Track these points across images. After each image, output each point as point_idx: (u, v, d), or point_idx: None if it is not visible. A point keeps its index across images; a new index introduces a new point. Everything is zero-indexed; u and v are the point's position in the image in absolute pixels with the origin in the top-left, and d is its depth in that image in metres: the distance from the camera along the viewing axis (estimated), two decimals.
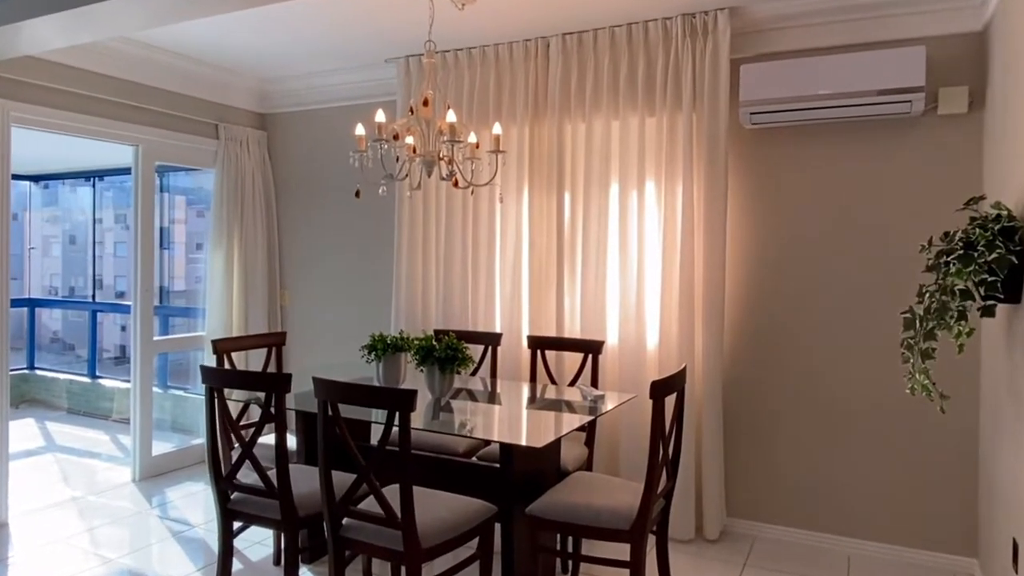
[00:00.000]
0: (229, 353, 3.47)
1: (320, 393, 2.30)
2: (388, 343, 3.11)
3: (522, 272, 3.94)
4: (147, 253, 4.35)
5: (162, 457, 4.44)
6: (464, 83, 4.10)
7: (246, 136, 4.83)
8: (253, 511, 2.59)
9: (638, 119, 3.64)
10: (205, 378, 2.59)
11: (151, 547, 3.32)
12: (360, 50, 4.20)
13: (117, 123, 4.11)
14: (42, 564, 3.11)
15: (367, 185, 3.32)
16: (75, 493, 4.06)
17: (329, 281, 4.82)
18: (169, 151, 4.47)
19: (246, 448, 2.52)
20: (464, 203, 4.12)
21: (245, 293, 4.77)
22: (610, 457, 3.72)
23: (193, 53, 4.29)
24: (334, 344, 4.77)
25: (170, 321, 6.00)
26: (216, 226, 4.68)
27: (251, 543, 3.30)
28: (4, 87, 3.55)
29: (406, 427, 2.15)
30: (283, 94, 4.92)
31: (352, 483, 2.29)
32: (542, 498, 2.55)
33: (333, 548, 2.33)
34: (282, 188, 5.02)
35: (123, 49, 4.02)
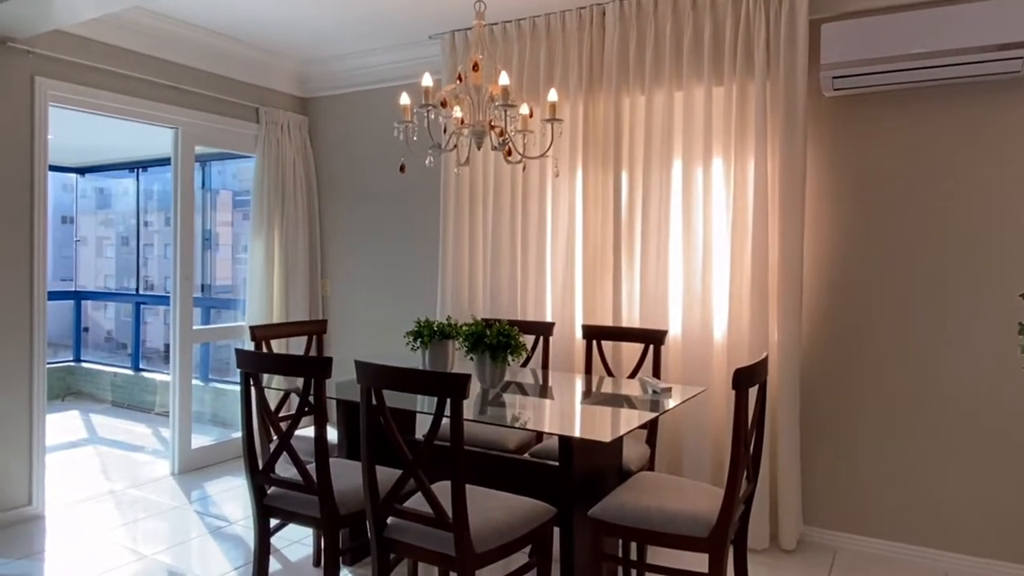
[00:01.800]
0: (268, 341, 3.30)
1: (363, 378, 2.08)
2: (435, 329, 2.90)
3: (575, 257, 3.67)
4: (186, 240, 4.23)
5: (201, 451, 4.31)
6: (514, 57, 3.86)
7: (287, 120, 4.68)
8: (291, 508, 2.38)
9: (704, 89, 3.34)
10: (240, 362, 2.40)
11: (188, 543, 3.17)
12: (402, 27, 4.01)
13: (156, 104, 3.99)
14: (76, 558, 2.98)
15: (412, 159, 3.11)
16: (114, 486, 3.95)
17: (372, 269, 4.64)
18: (209, 134, 4.34)
19: (283, 439, 2.32)
20: (513, 183, 3.88)
21: (286, 282, 4.63)
22: (673, 456, 3.42)
23: (234, 32, 4.16)
24: (377, 334, 4.58)
25: (212, 314, 5.91)
26: (256, 213, 4.54)
27: (290, 542, 3.11)
28: (41, 65, 3.45)
29: (458, 417, 1.91)
30: (324, 76, 4.75)
31: (398, 479, 2.06)
32: (606, 500, 2.28)
33: (377, 550, 2.11)
34: (323, 174, 4.86)
35: (162, 27, 3.90)
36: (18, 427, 3.35)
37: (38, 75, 3.44)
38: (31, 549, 3.06)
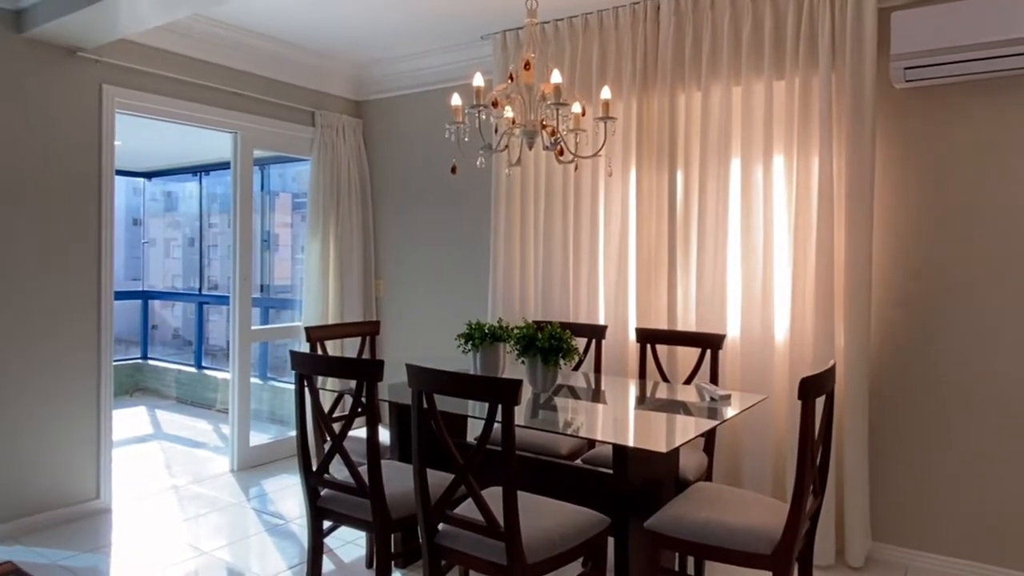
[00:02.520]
0: (323, 341, 3.34)
1: (414, 382, 2.07)
2: (486, 332, 2.87)
3: (629, 258, 3.59)
4: (245, 242, 4.33)
5: (259, 448, 4.41)
6: (565, 54, 3.80)
7: (342, 124, 4.74)
8: (343, 510, 2.39)
9: (764, 83, 3.21)
10: (294, 364, 2.42)
11: (246, 540, 3.23)
12: (454, 28, 4.01)
13: (216, 109, 4.09)
14: (140, 553, 3.07)
15: (464, 160, 3.09)
16: (177, 481, 4.07)
17: (424, 270, 4.65)
18: (267, 138, 4.43)
19: (336, 441, 2.33)
20: (565, 183, 3.82)
21: (341, 283, 4.69)
22: (731, 466, 3.30)
23: (290, 38, 4.23)
24: (428, 335, 4.59)
25: (270, 314, 6.06)
26: (312, 215, 4.61)
27: (344, 542, 3.14)
28: (108, 73, 3.57)
29: (509, 423, 1.88)
30: (377, 79, 4.80)
31: (449, 485, 2.04)
32: (663, 511, 2.20)
33: (428, 557, 2.09)
34: (377, 176, 4.90)
35: (222, 34, 3.99)
36: (86, 423, 3.48)
37: (105, 83, 3.57)
38: (97, 543, 3.17)
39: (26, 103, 3.27)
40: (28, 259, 3.27)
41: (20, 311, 3.24)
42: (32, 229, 3.29)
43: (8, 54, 3.20)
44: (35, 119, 3.30)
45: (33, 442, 3.28)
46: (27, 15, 3.20)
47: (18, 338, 3.23)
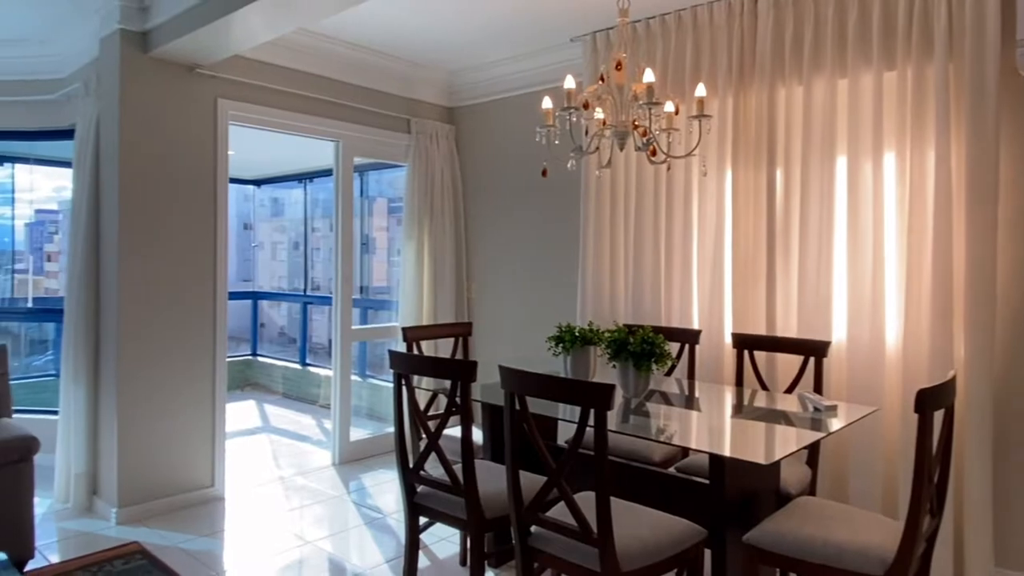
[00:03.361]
0: (419, 342, 3.44)
1: (507, 384, 2.09)
2: (576, 335, 2.86)
3: (724, 261, 3.48)
4: (347, 245, 4.52)
5: (358, 443, 4.59)
6: (657, 53, 3.74)
7: (435, 130, 4.87)
8: (439, 507, 2.46)
9: (872, 75, 3.03)
10: (392, 363, 2.51)
11: (346, 532, 3.37)
12: (544, 31, 4.03)
13: (320, 119, 4.30)
14: (250, 539, 3.27)
15: (554, 162, 3.10)
16: (283, 473, 4.31)
17: (514, 272, 4.70)
18: (366, 146, 4.61)
19: (432, 439, 2.39)
20: (657, 183, 3.76)
21: (434, 284, 4.81)
22: (836, 480, 3.13)
23: (388, 49, 4.39)
24: (518, 336, 4.63)
25: (369, 314, 6.29)
26: (408, 219, 4.75)
27: (439, 539, 3.22)
28: (222, 87, 3.83)
29: (602, 427, 1.87)
30: (469, 86, 4.89)
31: (541, 488, 2.05)
32: (763, 525, 2.12)
33: (521, 558, 2.11)
34: (468, 180, 5.00)
35: (325, 47, 4.19)
36: (203, 415, 3.74)
37: (220, 97, 3.83)
38: (212, 528, 3.40)
39: (153, 117, 3.55)
40: (157, 262, 3.55)
41: (151, 312, 3.53)
42: (160, 233, 3.57)
43: (138, 72, 3.49)
44: (161, 132, 3.58)
45: (158, 433, 3.56)
46: (153, 36, 3.48)
47: (150, 338, 3.52)
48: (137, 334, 3.48)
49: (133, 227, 3.47)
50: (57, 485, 3.61)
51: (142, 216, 3.51)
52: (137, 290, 3.48)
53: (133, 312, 3.47)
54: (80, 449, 3.55)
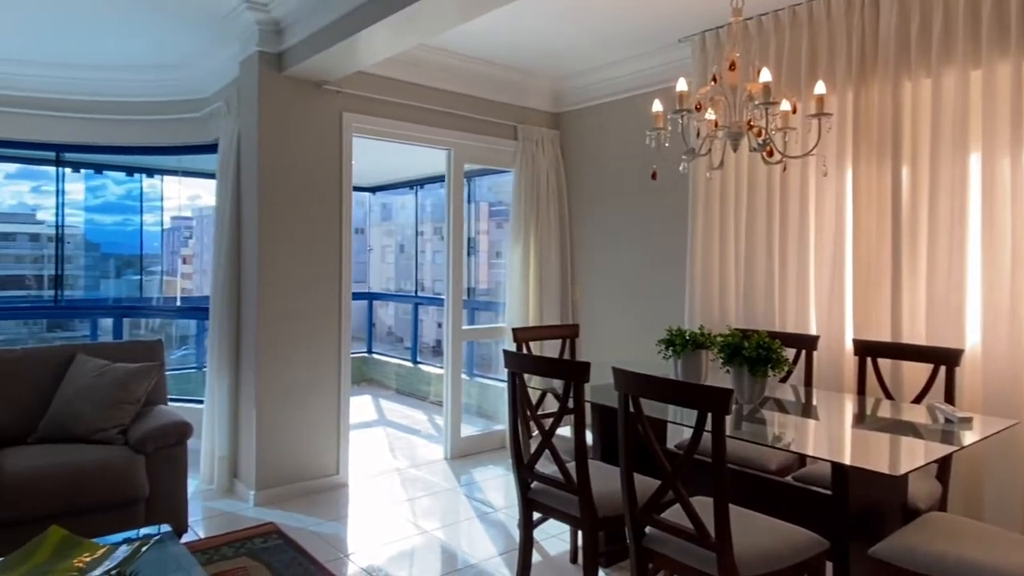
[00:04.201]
0: (527, 342, 3.54)
1: (621, 385, 2.14)
2: (687, 338, 2.86)
3: (844, 263, 3.35)
4: (457, 249, 4.70)
5: (468, 439, 4.77)
6: (770, 51, 3.65)
7: (541, 136, 4.96)
8: (552, 504, 2.54)
9: (1011, 65, 2.83)
10: (507, 362, 2.61)
11: (459, 524, 3.52)
12: (650, 34, 4.04)
13: (433, 129, 4.50)
14: (372, 525, 3.49)
15: (664, 165, 3.11)
16: (399, 464, 4.54)
17: (619, 275, 4.71)
18: (475, 153, 4.78)
19: (546, 437, 2.47)
20: (769, 183, 3.67)
21: (540, 287, 4.91)
22: (970, 496, 2.94)
23: (496, 59, 4.53)
24: (623, 338, 4.64)
25: (474, 315, 6.49)
26: (514, 223, 4.88)
27: (548, 535, 3.30)
28: (347, 101, 4.09)
29: (720, 432, 1.88)
30: (574, 91, 4.95)
31: (656, 490, 2.08)
32: (890, 539, 2.05)
33: (636, 558, 2.15)
34: (573, 184, 5.06)
35: (438, 60, 4.38)
36: (329, 407, 4.02)
37: (345, 111, 4.09)
38: (337, 513, 3.65)
39: (286, 131, 3.85)
40: (290, 265, 3.85)
41: (285, 311, 3.83)
42: (293, 239, 3.87)
43: (273, 89, 3.81)
44: (293, 144, 3.88)
45: (290, 422, 3.86)
46: (286, 56, 3.78)
47: (284, 335, 3.82)
48: (273, 331, 3.79)
49: (270, 233, 3.79)
50: (202, 467, 4.00)
51: (277, 222, 3.81)
52: (273, 291, 3.79)
53: (270, 311, 3.78)
54: (223, 435, 3.92)
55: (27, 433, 3.05)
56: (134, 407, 3.13)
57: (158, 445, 2.95)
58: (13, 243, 8.85)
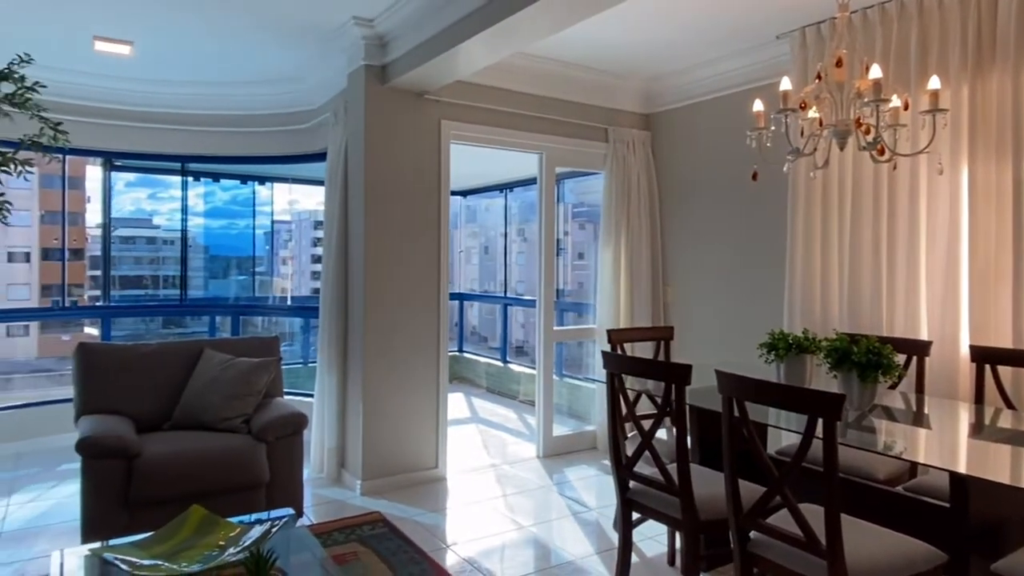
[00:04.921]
0: (621, 344, 3.56)
1: (725, 388, 2.14)
2: (791, 342, 2.81)
3: (960, 265, 3.19)
4: (548, 251, 4.78)
5: (560, 438, 4.83)
6: (876, 45, 3.51)
7: (632, 138, 4.96)
8: (651, 505, 2.56)
9: None
10: (606, 363, 2.65)
11: (554, 522, 3.59)
12: (746, 31, 3.97)
13: (525, 133, 4.59)
14: (470, 519, 3.61)
15: (761, 165, 3.07)
16: (493, 461, 4.67)
17: (712, 277, 4.65)
18: (567, 156, 4.83)
19: (645, 438, 2.50)
20: (877, 183, 3.53)
21: (631, 288, 4.91)
22: None
23: (587, 62, 4.57)
24: (717, 341, 4.57)
25: (563, 316, 6.55)
26: (605, 225, 4.90)
27: (644, 537, 3.31)
28: (444, 110, 4.25)
29: (832, 438, 1.85)
30: (666, 91, 4.92)
31: (763, 495, 2.07)
32: (1016, 555, 1.96)
33: (740, 563, 2.15)
34: (664, 185, 5.03)
35: (530, 65, 4.46)
36: (428, 403, 4.19)
37: (443, 119, 4.25)
38: (437, 505, 3.80)
39: (390, 139, 4.05)
40: (394, 267, 4.04)
41: (389, 310, 4.02)
42: (396, 241, 4.05)
43: (378, 100, 4.00)
44: (396, 152, 4.06)
45: (394, 416, 4.05)
46: (390, 68, 3.97)
47: (388, 333, 4.02)
48: (378, 330, 3.99)
49: (375, 236, 3.99)
50: (312, 457, 4.25)
51: (382, 226, 4.01)
52: (378, 292, 3.99)
53: (375, 311, 3.98)
54: (332, 427, 4.15)
55: (163, 420, 3.36)
56: (255, 399, 3.38)
57: (278, 435, 3.18)
58: (132, 246, 9.65)
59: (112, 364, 3.38)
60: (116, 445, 2.86)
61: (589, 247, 8.68)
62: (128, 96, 4.95)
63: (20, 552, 3.12)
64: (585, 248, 8.47)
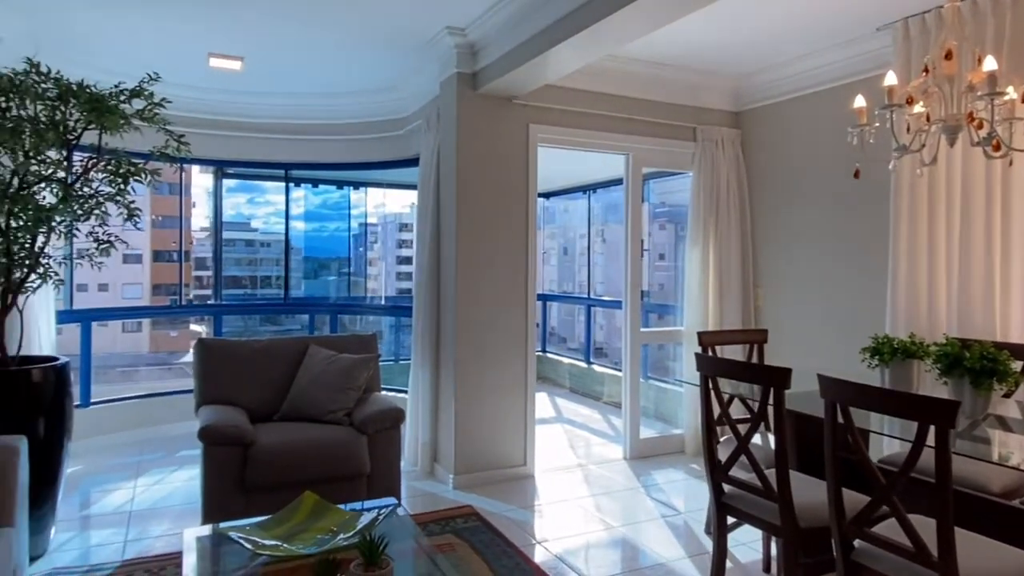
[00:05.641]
0: (712, 346, 3.52)
1: (829, 393, 2.10)
2: (896, 346, 2.71)
3: None
4: (635, 250, 4.77)
5: (647, 441, 4.81)
6: (987, 35, 3.31)
7: (721, 136, 4.88)
8: (748, 510, 2.53)
9: None
10: (700, 365, 2.65)
11: (641, 523, 3.59)
12: (843, 24, 3.84)
13: (611, 135, 4.61)
14: (559, 517, 3.66)
15: (867, 163, 2.97)
16: (579, 461, 4.70)
17: (806, 279, 4.51)
18: (653, 157, 4.81)
19: (742, 442, 2.48)
20: (989, 179, 3.34)
21: (720, 291, 4.83)
22: None
23: (675, 61, 4.53)
24: (811, 345, 4.43)
25: (647, 318, 6.51)
26: (693, 225, 4.84)
27: (737, 543, 3.25)
28: (532, 114, 4.32)
29: (945, 446, 1.79)
30: (756, 88, 4.81)
31: (869, 503, 2.02)
32: None
33: (844, 572, 2.10)
34: (755, 185, 4.92)
35: (616, 67, 4.47)
36: (517, 401, 4.27)
37: (531, 122, 4.32)
38: (526, 502, 3.87)
39: (481, 144, 4.16)
40: (484, 268, 4.16)
41: (479, 310, 4.14)
42: (486, 243, 4.16)
43: (469, 106, 4.12)
44: (486, 157, 4.17)
45: (484, 413, 4.16)
46: (480, 75, 4.08)
47: (479, 331, 4.13)
48: (469, 330, 4.11)
49: (467, 238, 4.11)
50: (407, 450, 4.42)
51: (473, 228, 4.13)
52: (469, 292, 4.11)
53: (466, 310, 4.11)
54: (425, 422, 4.31)
55: (272, 412, 3.58)
56: (356, 393, 3.56)
57: (378, 428, 3.34)
58: (233, 248, 10.27)
59: (227, 358, 3.63)
60: (234, 434, 3.08)
61: (670, 248, 8.55)
62: (238, 108, 5.30)
63: (149, 530, 3.42)
64: (666, 249, 8.36)
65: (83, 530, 3.42)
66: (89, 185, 3.16)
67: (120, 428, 5.02)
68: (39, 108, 3.04)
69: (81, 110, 3.04)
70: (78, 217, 3.12)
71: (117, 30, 4.00)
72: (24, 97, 2.98)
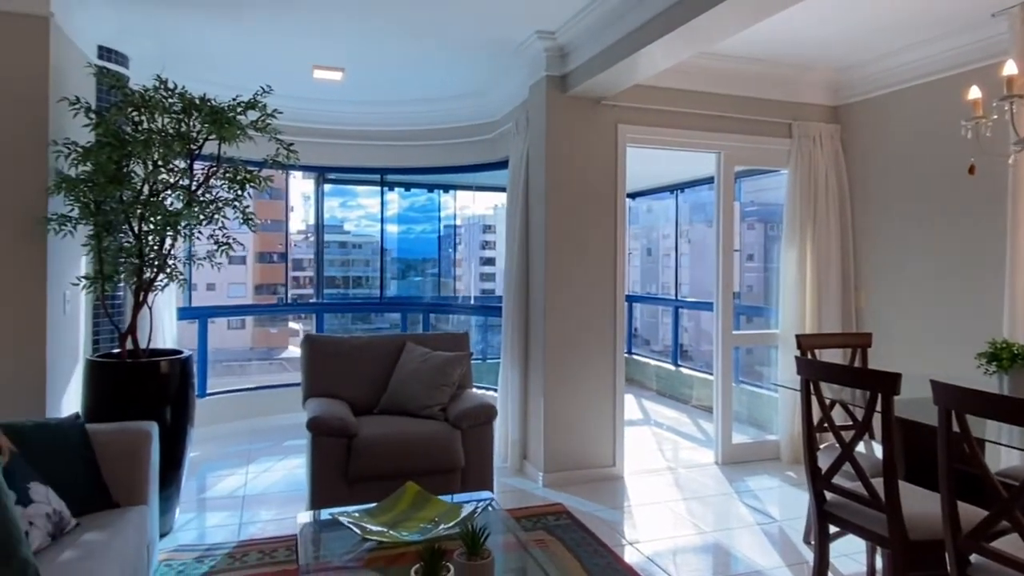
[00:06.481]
0: (812, 350, 3.42)
1: (943, 400, 2.01)
2: (1016, 352, 2.55)
3: None
4: (728, 251, 4.67)
5: (740, 446, 4.70)
6: None
7: (819, 132, 4.71)
8: (852, 519, 2.45)
9: None
10: (801, 369, 2.58)
11: (739, 530, 3.52)
12: (951, 12, 3.63)
13: (702, 133, 4.53)
14: (649, 519, 3.65)
15: (982, 157, 2.81)
16: (668, 464, 4.65)
17: (912, 280, 4.28)
18: (746, 155, 4.70)
19: (846, 449, 2.40)
20: None
21: (817, 292, 4.65)
22: None
23: (768, 56, 4.41)
24: (919, 350, 4.20)
25: (737, 320, 6.35)
26: (789, 225, 4.69)
27: (837, 554, 3.14)
28: (621, 114, 4.32)
29: None
30: (857, 81, 4.61)
31: (988, 517, 1.92)
32: None
33: None
34: (856, 182, 4.71)
35: (707, 64, 4.39)
36: (606, 403, 4.28)
37: (619, 123, 4.32)
38: (615, 502, 3.87)
39: (570, 145, 4.20)
40: (573, 269, 4.19)
41: (568, 311, 4.18)
42: (575, 244, 4.19)
43: (558, 109, 4.17)
44: (576, 158, 4.21)
45: (573, 413, 4.20)
46: (570, 78, 4.12)
47: (567, 332, 4.18)
48: (559, 330, 4.16)
49: (556, 239, 4.16)
50: (497, 447, 4.48)
51: (562, 230, 4.17)
52: (558, 293, 4.16)
53: (555, 311, 4.15)
54: (515, 420, 4.39)
55: (372, 405, 3.75)
56: (450, 389, 3.67)
57: (471, 423, 3.44)
58: (327, 250, 10.73)
59: (332, 353, 3.83)
60: (339, 425, 3.25)
61: (759, 248, 8.28)
62: (338, 116, 5.57)
63: (260, 514, 3.66)
64: (755, 249, 8.10)
65: (202, 511, 3.70)
66: (210, 192, 3.42)
67: (232, 418, 5.38)
68: (166, 121, 3.31)
69: (203, 122, 3.29)
70: (200, 221, 3.37)
71: (232, 48, 4.30)
72: (153, 111, 3.26)
